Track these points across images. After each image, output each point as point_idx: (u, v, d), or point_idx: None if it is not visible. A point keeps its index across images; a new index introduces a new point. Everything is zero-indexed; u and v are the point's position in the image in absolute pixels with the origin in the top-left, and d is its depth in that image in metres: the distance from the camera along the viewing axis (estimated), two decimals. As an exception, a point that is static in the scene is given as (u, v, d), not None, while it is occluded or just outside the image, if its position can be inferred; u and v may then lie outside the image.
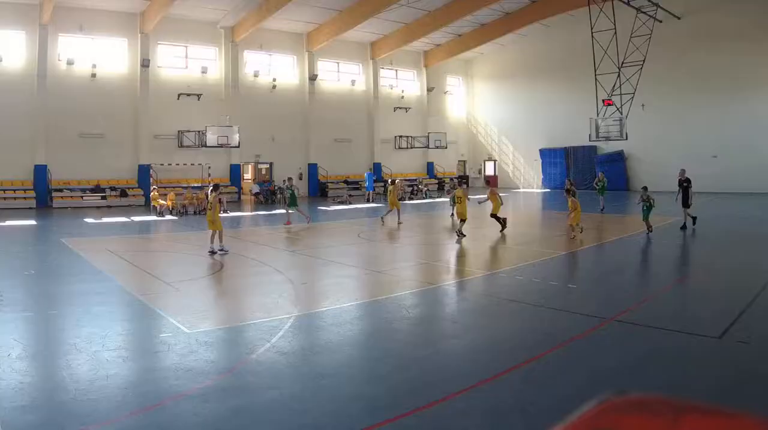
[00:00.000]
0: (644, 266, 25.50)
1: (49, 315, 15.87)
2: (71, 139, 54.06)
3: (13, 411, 9.49)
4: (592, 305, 17.11)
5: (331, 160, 70.03)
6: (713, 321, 14.82)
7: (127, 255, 26.85)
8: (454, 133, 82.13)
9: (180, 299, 18.17)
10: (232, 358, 12.67)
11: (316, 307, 17.22)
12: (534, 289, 19.26)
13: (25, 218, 42.50)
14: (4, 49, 51.94)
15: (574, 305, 17.15)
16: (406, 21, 66.27)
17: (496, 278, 21.23)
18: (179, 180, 58.05)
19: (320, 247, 29.94)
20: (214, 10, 58.48)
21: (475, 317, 16.34)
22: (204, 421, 9.41)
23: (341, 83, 72.74)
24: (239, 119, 60.50)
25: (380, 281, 21.07)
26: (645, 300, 17.81)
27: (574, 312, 16.01)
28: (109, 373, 11.22)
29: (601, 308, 16.59)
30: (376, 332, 14.89)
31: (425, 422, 9.49)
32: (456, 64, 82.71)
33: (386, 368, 12.01)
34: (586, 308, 16.39)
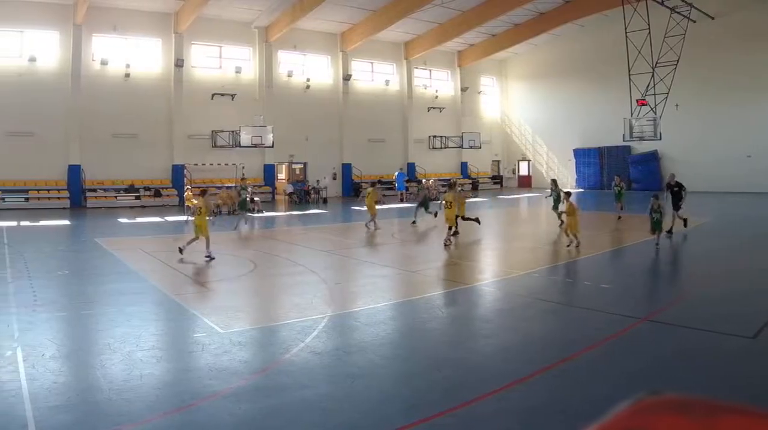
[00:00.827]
0: (676, 266, 25.16)
1: (83, 315, 15.75)
2: (105, 139, 53.63)
3: (47, 411, 9.41)
4: (625, 304, 16.98)
5: (365, 160, 69.14)
6: (747, 321, 14.63)
7: (161, 255, 26.49)
8: (488, 133, 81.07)
9: (214, 299, 18.30)
10: (266, 358, 12.61)
11: (349, 307, 17.10)
12: (567, 289, 19.58)
13: (59, 218, 42.30)
14: (39, 50, 51.56)
15: (607, 304, 16.98)
16: (440, 21, 65.30)
17: (530, 278, 20.92)
18: (213, 180, 57.57)
19: (353, 247, 29.67)
20: (248, 10, 57.92)
21: (508, 316, 16.22)
22: (238, 421, 9.37)
23: (375, 83, 72.00)
24: (273, 119, 59.68)
25: (413, 280, 21.00)
26: (678, 300, 17.78)
27: (608, 312, 15.90)
28: (143, 373, 11.18)
29: (634, 307, 16.52)
30: (409, 332, 14.82)
31: (458, 422, 9.36)
32: (490, 64, 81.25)
33: (419, 368, 11.99)
34: (620, 308, 16.28)
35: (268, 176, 62.87)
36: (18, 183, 50.23)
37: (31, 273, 21.52)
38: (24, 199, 49.60)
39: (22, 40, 51.30)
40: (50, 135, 51.51)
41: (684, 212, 30.71)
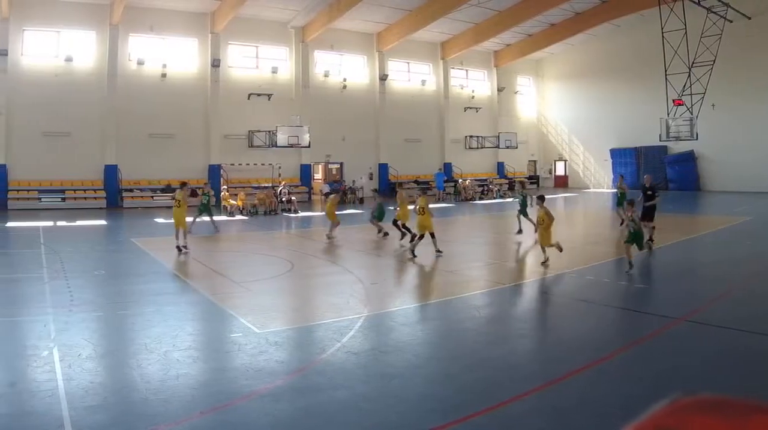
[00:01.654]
0: (713, 266, 24.15)
1: (120, 315, 15.70)
2: (141, 139, 53.28)
3: (84, 411, 9.34)
4: (661, 305, 16.95)
5: (402, 160, 68.41)
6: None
7: (197, 255, 26.31)
8: (525, 133, 79.90)
9: (250, 299, 17.89)
10: (302, 358, 12.55)
11: (386, 307, 16.97)
12: (603, 289, 19.25)
13: (95, 218, 42.06)
14: (75, 50, 51.24)
15: (643, 304, 17.06)
16: (476, 21, 64.38)
17: (566, 278, 20.86)
18: (249, 180, 57.28)
19: (390, 246, 29.10)
20: (285, 10, 57.37)
21: (545, 316, 16.40)
22: (274, 421, 9.32)
23: (412, 83, 71.13)
24: (309, 119, 59.16)
25: (450, 281, 20.83)
26: (715, 300, 17.40)
27: (644, 312, 15.94)
28: (179, 373, 11.15)
29: (670, 308, 16.26)
30: (445, 333, 14.69)
31: (495, 421, 9.34)
32: (526, 64, 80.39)
33: (456, 368, 11.86)
34: (656, 308, 16.27)
35: (304, 176, 62.20)
36: (55, 183, 50.05)
37: (68, 273, 21.32)
38: (60, 199, 49.36)
39: (59, 40, 50.97)
40: (87, 135, 51.23)
41: None
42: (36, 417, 9.22)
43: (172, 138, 55.09)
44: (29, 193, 48.87)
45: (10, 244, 32.36)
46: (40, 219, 39.88)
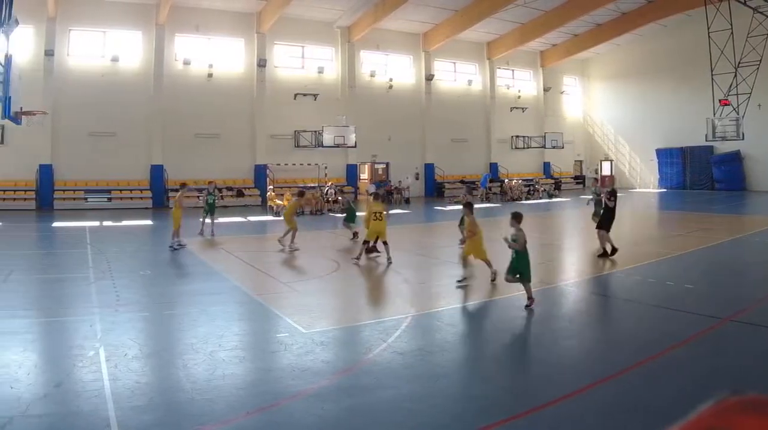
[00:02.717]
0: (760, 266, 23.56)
1: (166, 315, 15.56)
2: (187, 139, 52.73)
3: (130, 411, 9.29)
4: (709, 305, 16.47)
5: (448, 160, 66.93)
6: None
7: (243, 255, 26.15)
8: (571, 133, 78.32)
9: (296, 299, 17.54)
10: (348, 358, 12.41)
11: (432, 307, 16.70)
12: (650, 289, 18.77)
13: (141, 218, 41.57)
14: (121, 50, 50.74)
15: (690, 305, 16.48)
16: (522, 21, 63.09)
17: (612, 278, 20.66)
18: (296, 180, 56.07)
19: (436, 247, 28.90)
20: (330, 10, 56.40)
21: (591, 316, 16.05)
22: (320, 421, 9.24)
23: (458, 83, 69.47)
24: (356, 119, 58.34)
25: (496, 280, 19.61)
26: (762, 300, 16.87)
27: (691, 312, 15.53)
28: (225, 373, 11.03)
29: (718, 308, 15.92)
30: (492, 332, 14.65)
31: (541, 422, 9.20)
32: (572, 64, 78.49)
33: (502, 368, 11.93)
34: (703, 308, 15.86)
35: (350, 176, 60.99)
36: (101, 183, 49.54)
37: (114, 273, 21.05)
38: (107, 199, 48.95)
39: (105, 40, 50.54)
40: (133, 135, 50.87)
41: None
42: (82, 417, 9.08)
43: (217, 138, 54.33)
44: (75, 194, 48.37)
45: (57, 244, 32.05)
46: (86, 219, 39.54)
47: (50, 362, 11.69)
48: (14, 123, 25.20)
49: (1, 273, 20.49)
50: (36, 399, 9.67)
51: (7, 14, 22.09)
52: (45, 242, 33.21)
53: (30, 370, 11.11)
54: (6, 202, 46.18)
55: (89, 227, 36.08)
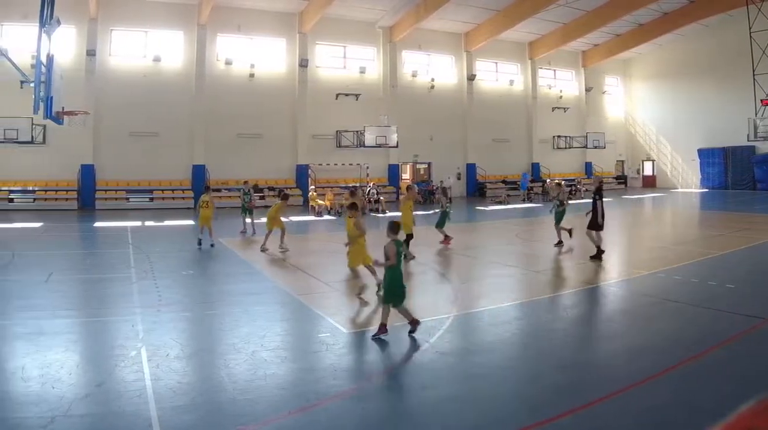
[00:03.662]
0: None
1: (207, 315, 15.50)
2: (229, 139, 52.06)
3: (171, 411, 9.22)
4: (751, 305, 16.06)
5: (489, 160, 65.53)
6: None
7: (285, 255, 25.36)
8: (613, 133, 76.24)
9: (338, 299, 17.53)
10: (390, 358, 12.25)
11: (474, 307, 16.47)
12: (692, 289, 18.42)
13: (183, 218, 40.93)
14: (163, 50, 50.13)
15: (733, 304, 16.13)
16: (564, 21, 61.59)
17: (654, 278, 19.90)
18: (337, 180, 55.33)
19: (478, 247, 28.51)
20: (372, 10, 55.27)
21: (633, 316, 15.57)
22: (362, 421, 9.21)
23: (499, 83, 67.77)
24: (397, 119, 57.14)
25: (538, 281, 20.16)
26: None
27: (733, 312, 15.21)
28: (267, 373, 10.96)
29: (760, 308, 15.53)
30: (533, 332, 14.26)
31: (583, 421, 9.06)
32: (614, 64, 76.72)
33: (544, 368, 11.55)
34: (745, 308, 15.48)
35: (392, 176, 59.79)
36: (142, 183, 48.98)
37: (156, 273, 20.84)
38: (148, 199, 48.35)
39: (147, 40, 49.98)
40: (174, 135, 50.36)
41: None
42: (124, 417, 9.02)
43: (259, 138, 53.52)
44: (117, 193, 47.79)
45: (99, 244, 31.66)
46: (128, 219, 39.10)
47: (92, 362, 11.56)
48: (56, 123, 24.70)
49: (43, 273, 20.22)
50: (78, 399, 9.54)
51: (49, 14, 21.72)
52: (87, 242, 32.82)
53: (72, 370, 10.97)
54: (48, 202, 45.72)
55: (131, 227, 35.76)
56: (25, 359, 11.46)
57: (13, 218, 39.58)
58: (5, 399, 9.65)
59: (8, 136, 42.22)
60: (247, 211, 33.23)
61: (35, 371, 10.77)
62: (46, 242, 30.69)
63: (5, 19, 45.30)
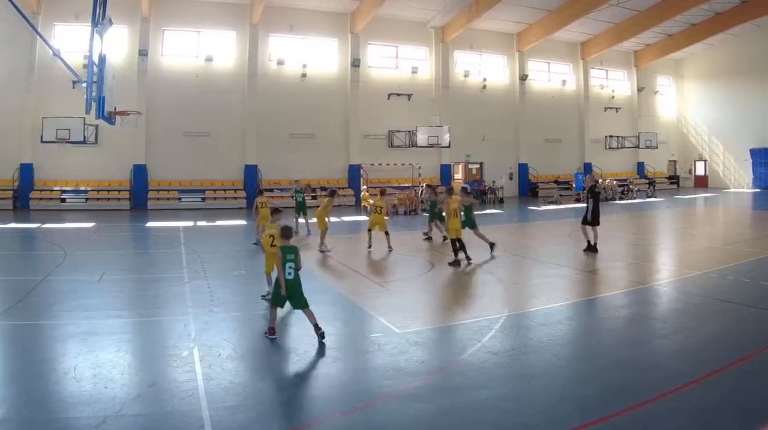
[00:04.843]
0: None
1: (259, 315, 15.02)
2: (281, 139, 50.53)
3: (223, 411, 9.10)
4: None
5: (541, 160, 63.14)
6: None
7: (337, 255, 24.91)
8: (665, 133, 73.78)
9: (390, 299, 17.15)
10: (442, 358, 11.93)
11: (526, 307, 16.11)
12: (744, 289, 17.88)
13: (235, 218, 39.94)
14: (215, 50, 48.82)
15: None
16: (616, 21, 59.11)
17: (706, 279, 19.34)
18: (389, 180, 53.55)
19: (530, 247, 27.93)
20: (424, 10, 53.30)
21: (685, 316, 14.96)
22: (415, 421, 8.97)
23: (551, 83, 65.12)
24: (449, 119, 54.87)
25: (590, 280, 19.90)
26: None
27: None
28: (319, 373, 11.05)
29: None
30: (585, 332, 14.02)
31: (636, 421, 8.80)
32: (666, 64, 74.01)
33: (595, 369, 11.26)
34: None
35: (444, 176, 57.41)
36: (194, 183, 47.61)
37: (208, 273, 20.61)
38: (200, 199, 46.97)
39: (199, 40, 48.69)
40: (226, 135, 49.04)
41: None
42: (176, 417, 8.91)
43: (312, 138, 51.95)
44: (169, 194, 46.38)
45: (151, 244, 31.01)
46: (180, 219, 38.34)
47: (144, 362, 11.41)
48: (108, 123, 24.00)
49: (96, 273, 20.01)
50: (130, 399, 9.44)
51: (101, 14, 20.98)
52: (139, 242, 32.12)
53: (124, 370, 10.86)
54: (100, 202, 44.64)
55: (183, 227, 35.30)
56: (77, 358, 11.28)
57: (66, 217, 38.85)
58: (57, 399, 9.49)
59: (61, 136, 41.18)
60: (300, 212, 32.26)
61: (87, 371, 10.63)
62: (98, 241, 30.13)
63: (58, 19, 44.20)
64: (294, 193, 33.19)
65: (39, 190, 44.54)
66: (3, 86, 43.69)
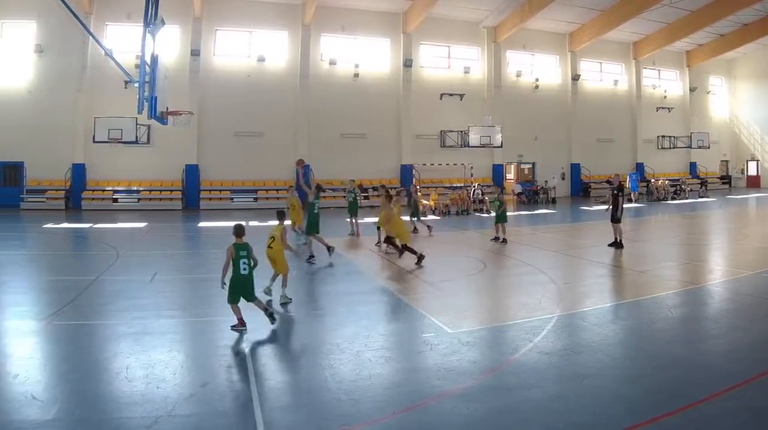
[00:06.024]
0: None
1: (312, 315, 15.11)
2: (333, 139, 49.14)
3: (276, 411, 8.98)
4: None
5: (594, 160, 60.47)
6: None
7: (390, 255, 24.00)
8: (716, 132, 70.65)
9: (442, 299, 16.67)
10: (494, 358, 11.67)
11: (578, 307, 15.67)
12: None
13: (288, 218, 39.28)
14: (267, 50, 47.42)
15: None
16: (668, 21, 56.53)
17: (759, 278, 18.64)
18: (441, 180, 51.73)
19: (582, 247, 27.07)
20: (476, 10, 51.36)
21: (738, 317, 14.51)
22: (467, 421, 8.67)
23: (604, 83, 62.54)
24: (501, 119, 52.93)
25: (642, 281, 19.08)
26: None
27: None
28: (371, 373, 10.60)
29: None
30: (637, 332, 13.44)
31: (687, 422, 8.53)
32: (718, 64, 70.77)
33: (648, 368, 10.89)
34: None
35: (496, 176, 55.21)
36: (246, 183, 46.07)
37: (260, 273, 18.84)
38: (253, 199, 45.35)
39: (251, 40, 47.29)
40: (278, 135, 47.66)
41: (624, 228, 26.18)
42: (228, 417, 8.81)
43: (363, 138, 50.29)
44: (221, 194, 44.77)
45: (203, 244, 30.46)
46: (232, 219, 36.32)
47: (196, 362, 11.19)
48: (160, 123, 23.04)
49: (148, 273, 19.76)
50: (182, 399, 9.25)
51: (153, 14, 20.34)
52: (191, 242, 31.53)
53: (176, 370, 10.61)
54: (153, 202, 43.12)
55: None
56: (129, 358, 11.07)
57: (118, 217, 38.07)
58: (110, 399, 9.33)
59: (113, 136, 39.68)
60: (351, 212, 30.75)
61: (140, 370, 10.41)
62: (150, 242, 29.66)
63: (110, 19, 42.77)
64: (346, 193, 31.59)
65: (91, 190, 43.27)
66: (55, 86, 42.62)
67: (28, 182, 43.44)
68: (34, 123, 42.62)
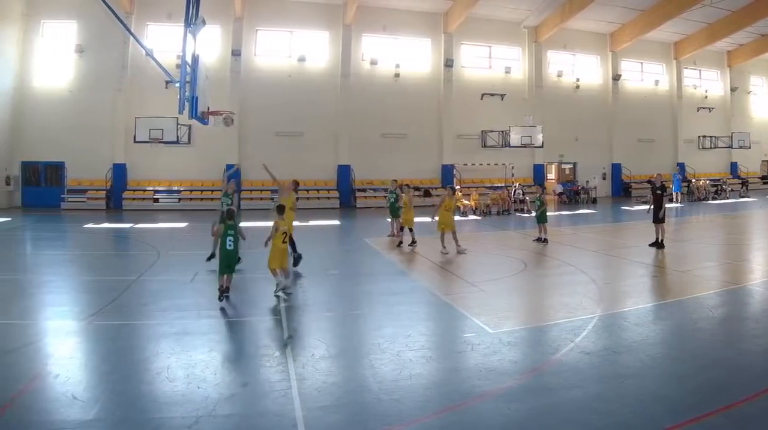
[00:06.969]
0: None
1: (352, 315, 14.66)
2: (374, 139, 47.63)
3: (316, 411, 8.75)
4: None
5: (635, 160, 58.37)
6: None
7: (430, 255, 23.46)
8: (758, 132, 67.65)
9: (483, 299, 16.06)
10: (535, 358, 11.35)
11: (619, 307, 15.26)
12: None
13: (329, 218, 38.21)
14: (308, 50, 46.10)
15: None
16: (709, 21, 54.16)
17: None
18: (482, 180, 49.84)
19: (623, 247, 26.26)
20: (517, 10, 49.52)
21: None
22: (508, 421, 8.50)
23: (644, 83, 60.42)
24: (542, 119, 51.22)
25: (683, 280, 18.58)
26: None
27: None
28: (412, 373, 10.37)
29: None
30: (678, 332, 13.02)
31: (728, 422, 8.26)
32: (759, 64, 67.65)
33: (689, 368, 10.63)
34: None
35: (537, 176, 53.32)
36: (287, 183, 45.64)
37: (302, 272, 19.82)
38: (294, 199, 45.23)
39: (292, 40, 45.91)
40: (319, 135, 46.27)
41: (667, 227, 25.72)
42: (269, 417, 8.59)
43: (404, 138, 48.60)
44: (262, 193, 43.14)
45: (243, 244, 29.22)
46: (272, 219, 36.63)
47: (237, 362, 11.11)
48: (201, 123, 22.36)
49: (188, 273, 19.51)
50: (223, 399, 9.12)
51: (194, 14, 19.90)
52: None
53: (217, 370, 10.50)
54: (193, 202, 41.74)
55: None
56: (170, 358, 10.90)
57: (158, 217, 37.46)
58: (151, 399, 9.21)
59: (154, 136, 38.17)
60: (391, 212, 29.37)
61: (180, 371, 10.24)
62: (191, 241, 29.44)
63: (150, 19, 41.40)
64: (387, 194, 30.18)
65: (132, 190, 42.09)
66: (96, 86, 41.57)
67: (69, 182, 42.46)
68: (74, 123, 41.69)
